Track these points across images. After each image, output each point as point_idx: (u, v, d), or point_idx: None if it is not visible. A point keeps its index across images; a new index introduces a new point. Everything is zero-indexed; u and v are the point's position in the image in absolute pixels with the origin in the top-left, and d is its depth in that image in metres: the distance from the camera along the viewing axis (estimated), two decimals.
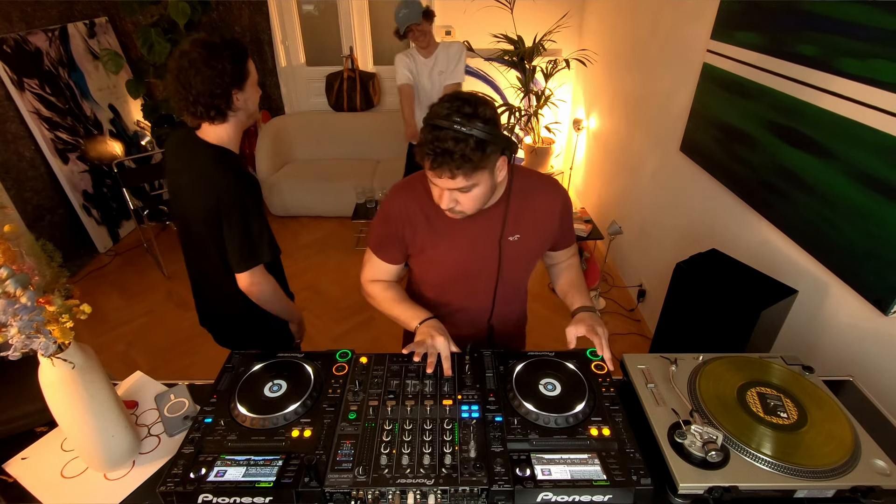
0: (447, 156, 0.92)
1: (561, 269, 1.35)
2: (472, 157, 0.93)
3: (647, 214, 2.84)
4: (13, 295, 0.74)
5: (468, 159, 0.93)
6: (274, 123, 4.24)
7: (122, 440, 0.95)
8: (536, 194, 1.18)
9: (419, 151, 0.97)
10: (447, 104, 0.95)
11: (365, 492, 0.81)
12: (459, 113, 0.93)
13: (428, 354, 1.05)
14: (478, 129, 0.92)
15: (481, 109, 0.95)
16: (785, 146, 1.63)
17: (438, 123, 0.93)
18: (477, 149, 0.93)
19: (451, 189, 1.00)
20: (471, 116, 0.93)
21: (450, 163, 0.93)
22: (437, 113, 0.95)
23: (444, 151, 0.92)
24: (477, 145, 0.93)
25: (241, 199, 1.26)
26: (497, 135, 0.95)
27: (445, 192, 1.01)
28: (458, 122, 0.92)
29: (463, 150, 0.92)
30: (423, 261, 1.23)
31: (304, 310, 3.01)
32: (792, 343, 1.67)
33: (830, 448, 0.89)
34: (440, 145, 0.92)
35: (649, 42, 2.76)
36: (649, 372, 1.07)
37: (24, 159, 3.14)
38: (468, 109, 0.93)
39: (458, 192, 1.01)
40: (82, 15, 3.65)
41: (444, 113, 0.94)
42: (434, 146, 0.93)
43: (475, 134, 0.92)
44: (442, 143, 0.92)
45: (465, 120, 0.92)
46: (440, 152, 0.93)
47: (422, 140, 0.96)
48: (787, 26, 1.60)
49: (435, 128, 0.94)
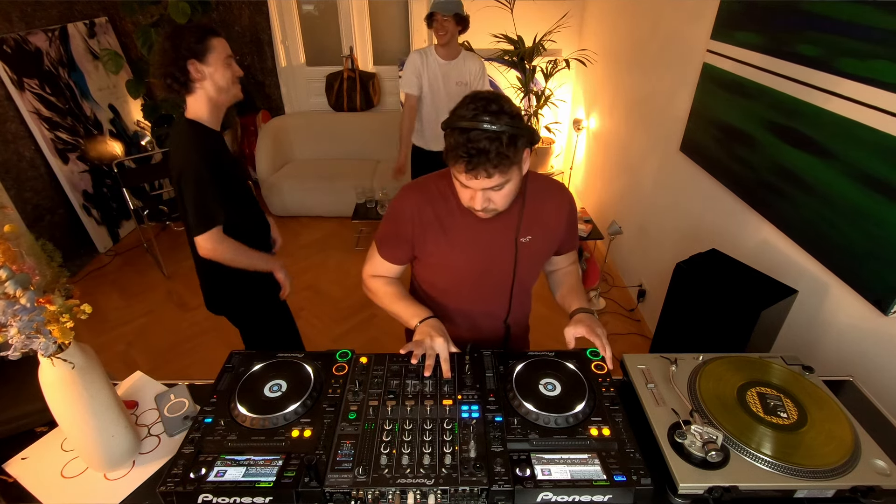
0: (483, 156, 0.92)
1: (561, 275, 1.35)
2: (508, 154, 0.94)
3: (647, 214, 2.84)
4: (13, 295, 0.74)
5: (504, 156, 0.93)
6: (274, 123, 4.24)
7: (122, 440, 0.95)
8: (546, 196, 1.19)
9: (449, 156, 0.98)
10: (471, 105, 0.95)
11: (365, 492, 0.81)
12: (487, 112, 0.93)
13: (426, 356, 1.05)
14: (507, 125, 0.93)
15: (506, 105, 0.96)
16: (785, 146, 1.63)
17: (467, 126, 0.93)
18: (510, 144, 0.93)
19: (486, 189, 1.00)
20: (498, 113, 0.93)
21: (486, 163, 0.93)
22: (463, 115, 0.95)
23: (480, 151, 0.92)
24: (510, 141, 0.93)
25: (196, 168, 1.36)
26: (523, 127, 0.96)
27: (479, 193, 1.01)
28: (488, 120, 0.92)
29: (498, 147, 0.92)
30: (431, 264, 1.22)
31: (303, 309, 3.02)
32: (792, 343, 1.67)
33: (830, 448, 0.89)
34: (475, 146, 0.92)
35: (649, 42, 2.76)
36: (649, 372, 1.07)
37: (24, 159, 3.14)
38: (494, 107, 0.94)
39: (491, 191, 1.01)
40: (82, 15, 3.65)
41: (470, 115, 0.94)
42: (468, 148, 0.93)
43: (506, 130, 0.92)
44: (476, 143, 0.92)
45: (494, 118, 0.93)
46: (476, 153, 0.93)
47: (451, 145, 0.96)
48: (788, 26, 1.60)
49: (464, 130, 0.94)
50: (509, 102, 0.98)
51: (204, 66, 1.39)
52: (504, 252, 1.17)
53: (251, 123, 4.44)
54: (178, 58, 1.36)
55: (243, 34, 4.27)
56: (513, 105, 0.98)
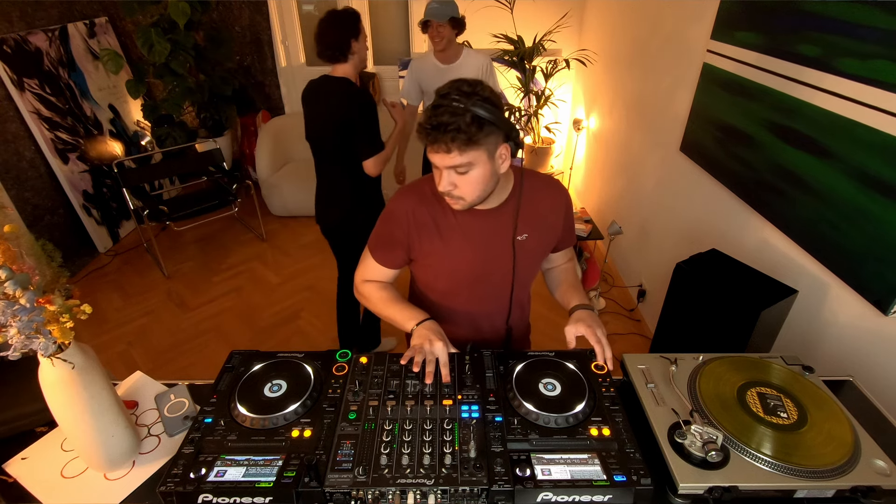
0: (441, 128, 0.94)
1: (559, 272, 1.35)
2: (467, 131, 0.94)
3: (647, 214, 2.84)
4: (13, 295, 0.74)
5: (462, 131, 0.93)
6: (274, 123, 4.24)
7: (122, 440, 0.95)
8: (541, 193, 1.18)
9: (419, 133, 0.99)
10: (448, 85, 0.98)
11: (365, 492, 0.81)
12: (458, 91, 0.95)
13: (426, 362, 1.03)
14: (475, 106, 0.94)
15: (480, 88, 0.97)
16: (785, 146, 1.63)
17: (437, 102, 0.96)
18: (472, 123, 0.94)
19: (448, 168, 0.99)
20: (469, 94, 0.95)
21: (444, 135, 0.94)
22: (438, 92, 0.98)
23: (440, 125, 0.94)
24: (473, 120, 0.94)
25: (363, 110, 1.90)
26: (497, 116, 0.96)
27: (444, 173, 1.01)
28: (456, 98, 0.94)
29: (458, 122, 0.93)
30: (428, 265, 1.21)
31: (303, 309, 3.03)
32: (792, 343, 1.67)
33: (830, 448, 0.89)
34: (436, 119, 0.94)
35: (649, 42, 2.76)
36: (649, 372, 1.07)
37: (24, 159, 3.14)
38: (467, 88, 0.96)
39: (455, 175, 1.01)
40: (82, 15, 3.65)
41: (443, 92, 0.97)
42: (430, 121, 0.95)
43: (472, 110, 0.93)
44: (438, 117, 0.94)
45: (463, 97, 0.94)
46: (435, 125, 0.94)
47: (420, 120, 0.98)
48: (788, 26, 1.60)
49: (434, 107, 0.96)
50: (490, 91, 0.98)
51: (356, 42, 1.92)
52: (502, 251, 1.17)
53: (251, 123, 4.44)
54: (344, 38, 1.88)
55: (243, 34, 4.27)
56: (492, 93, 0.98)
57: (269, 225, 4.00)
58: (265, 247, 3.75)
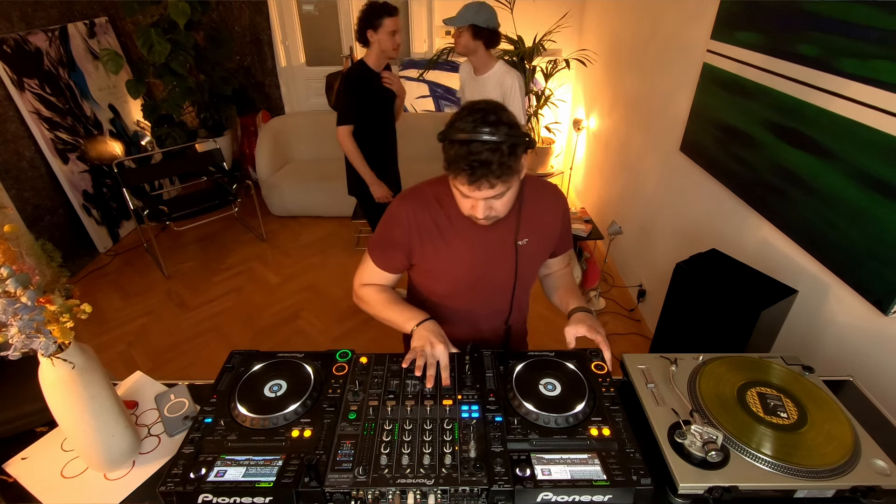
0: (486, 167, 0.93)
1: (556, 277, 1.35)
2: (510, 163, 0.94)
3: (647, 214, 2.84)
4: (13, 295, 0.74)
5: (507, 166, 0.94)
6: (274, 123, 4.24)
7: (122, 440, 0.95)
8: (541, 198, 1.19)
9: (450, 168, 0.98)
10: (468, 117, 0.95)
11: (365, 492, 0.81)
12: (486, 123, 0.93)
13: (427, 365, 1.03)
14: (506, 135, 0.93)
15: (503, 115, 0.96)
16: (785, 146, 1.63)
17: (466, 138, 0.93)
18: (511, 153, 0.94)
19: (488, 198, 1.00)
20: (497, 124, 0.94)
21: (489, 174, 0.93)
22: (462, 128, 0.95)
23: (483, 163, 0.93)
24: (510, 150, 0.94)
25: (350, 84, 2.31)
26: (521, 135, 0.96)
27: (480, 203, 1.01)
28: (488, 131, 0.93)
29: (500, 158, 0.93)
30: (430, 270, 1.21)
31: (303, 309, 3.03)
32: (792, 343, 1.67)
33: (830, 448, 0.89)
34: (477, 158, 0.93)
35: (649, 42, 2.76)
36: (649, 372, 1.07)
37: (24, 159, 3.14)
38: (493, 118, 0.94)
39: (493, 200, 1.01)
40: (82, 15, 3.65)
41: (469, 127, 0.94)
42: (470, 160, 0.93)
43: (506, 140, 0.93)
44: (477, 155, 0.92)
45: (493, 128, 0.93)
46: (478, 165, 0.93)
47: (452, 157, 0.96)
48: (788, 26, 1.60)
49: (464, 143, 0.94)
50: (506, 112, 0.98)
51: (374, 33, 2.24)
52: (503, 255, 1.17)
53: (251, 123, 4.44)
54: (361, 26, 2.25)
55: (243, 34, 4.27)
56: (510, 114, 0.98)
57: (269, 225, 4.01)
58: (265, 247, 3.75)
